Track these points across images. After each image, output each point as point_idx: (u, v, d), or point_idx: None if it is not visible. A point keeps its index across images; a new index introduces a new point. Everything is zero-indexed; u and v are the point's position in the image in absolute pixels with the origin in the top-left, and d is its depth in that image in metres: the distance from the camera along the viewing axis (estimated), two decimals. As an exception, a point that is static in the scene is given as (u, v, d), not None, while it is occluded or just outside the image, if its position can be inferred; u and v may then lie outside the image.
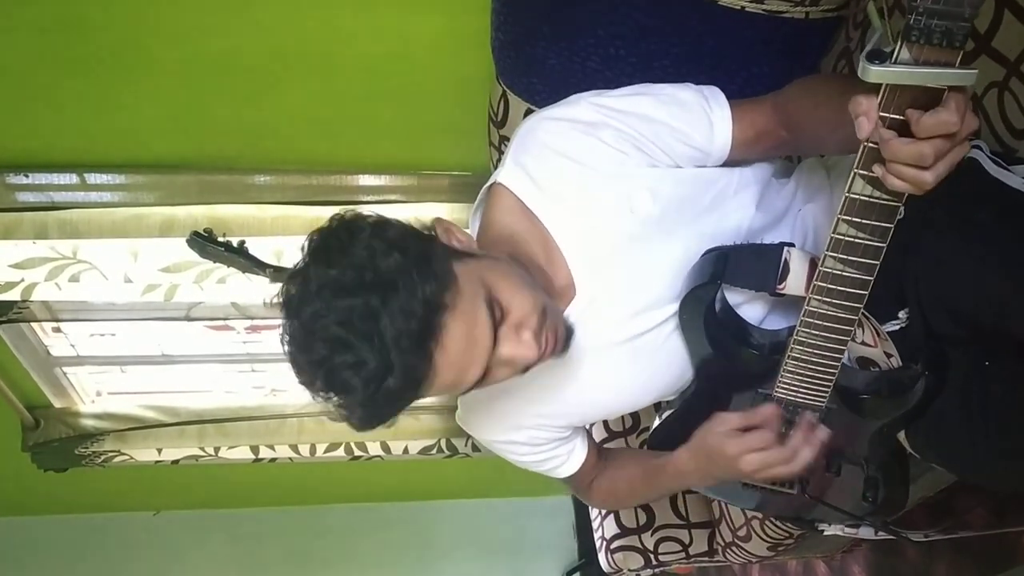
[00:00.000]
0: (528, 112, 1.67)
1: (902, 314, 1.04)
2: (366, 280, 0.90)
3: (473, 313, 0.96)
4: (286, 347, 0.96)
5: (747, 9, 1.44)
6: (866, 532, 1.45)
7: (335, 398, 0.93)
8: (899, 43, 0.72)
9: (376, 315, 0.88)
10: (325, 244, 0.94)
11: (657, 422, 1.34)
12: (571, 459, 1.32)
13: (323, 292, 0.91)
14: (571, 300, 1.14)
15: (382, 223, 0.96)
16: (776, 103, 1.13)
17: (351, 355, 0.89)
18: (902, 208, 0.87)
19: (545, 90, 1.64)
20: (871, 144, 0.80)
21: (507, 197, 1.14)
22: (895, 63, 0.73)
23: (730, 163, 1.18)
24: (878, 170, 0.82)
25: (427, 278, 0.91)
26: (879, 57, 0.74)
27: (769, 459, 1.09)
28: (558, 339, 1.04)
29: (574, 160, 1.11)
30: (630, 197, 1.11)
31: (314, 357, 0.91)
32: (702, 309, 1.11)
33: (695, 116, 1.13)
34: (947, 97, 0.75)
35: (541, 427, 1.25)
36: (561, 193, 1.12)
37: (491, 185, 1.18)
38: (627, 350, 1.17)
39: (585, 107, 1.13)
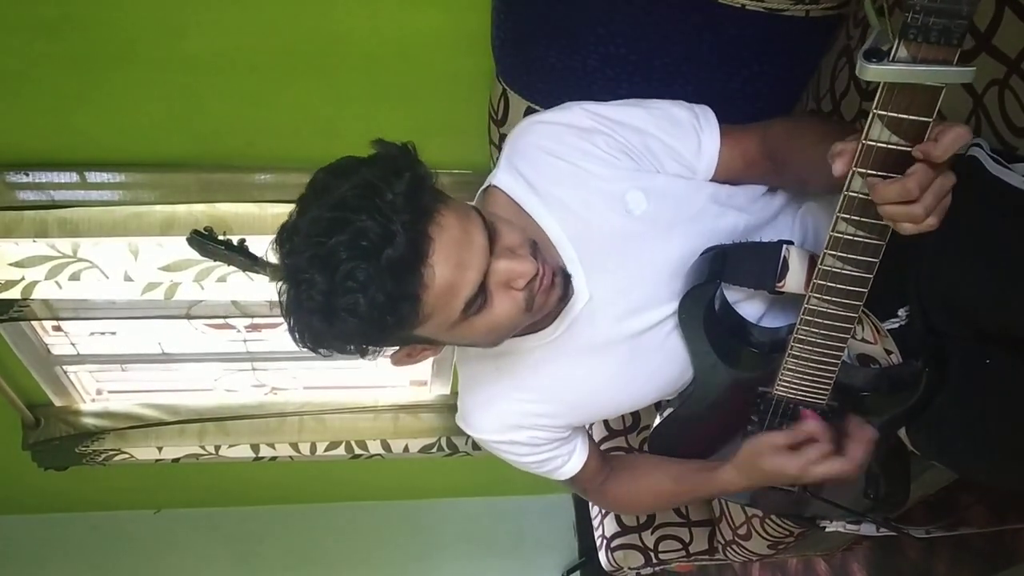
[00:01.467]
0: (528, 110, 1.68)
1: (902, 311, 1.04)
2: (355, 173, 0.91)
3: (466, 211, 0.97)
4: (281, 281, 0.95)
5: (747, 7, 1.44)
6: (868, 529, 1.45)
7: (338, 293, 0.88)
8: (896, 41, 0.72)
9: (371, 189, 0.88)
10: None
11: (658, 420, 1.34)
12: (572, 460, 1.32)
13: (317, 197, 0.92)
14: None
15: None
16: (765, 135, 1.16)
17: (349, 229, 0.87)
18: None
19: (545, 88, 1.64)
20: (869, 143, 0.80)
21: (502, 199, 1.15)
22: (893, 61, 0.73)
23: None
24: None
25: (418, 165, 0.94)
26: (877, 55, 0.74)
27: (831, 469, 1.12)
28: (556, 273, 1.04)
29: (568, 162, 1.12)
30: (624, 197, 1.12)
31: (310, 252, 0.89)
32: (701, 308, 1.12)
33: (685, 133, 1.15)
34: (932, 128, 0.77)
35: (541, 427, 1.25)
36: (555, 194, 1.13)
37: (486, 187, 1.18)
38: (626, 349, 1.18)
39: (578, 112, 1.14)
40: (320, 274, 0.89)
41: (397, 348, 1.06)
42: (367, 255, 0.87)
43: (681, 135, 1.15)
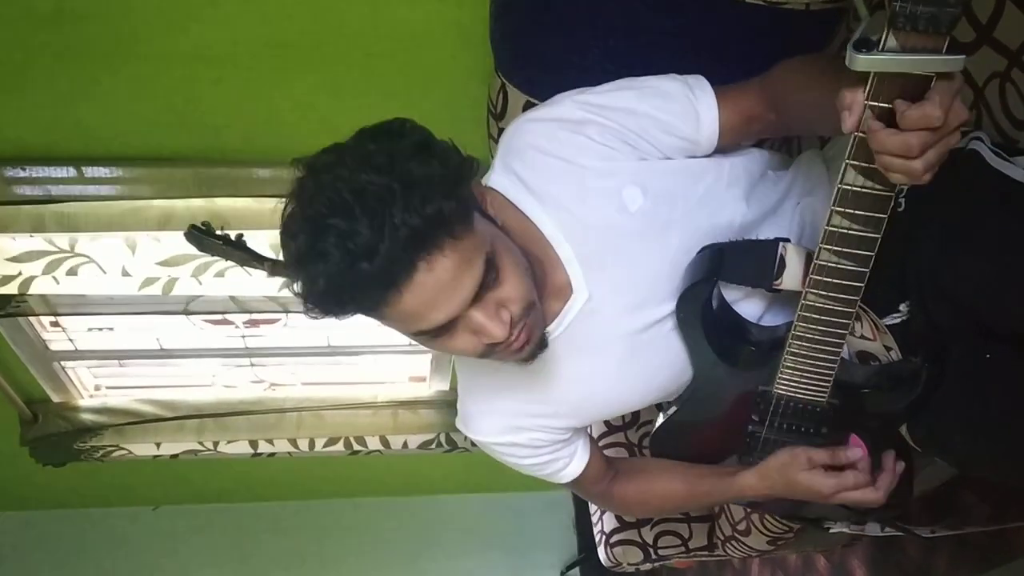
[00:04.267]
0: (527, 104, 1.67)
1: (903, 307, 1.04)
2: (397, 168, 0.90)
3: (471, 258, 0.95)
4: (288, 201, 0.95)
5: (747, 0, 1.43)
6: (872, 529, 1.45)
7: (306, 263, 0.91)
8: (885, 31, 0.72)
9: (390, 200, 0.88)
10: (378, 127, 0.97)
11: (661, 420, 1.34)
12: (573, 463, 1.31)
13: (353, 161, 0.91)
14: (568, 298, 1.13)
15: (434, 139, 0.97)
16: (763, 86, 1.14)
17: (347, 222, 0.88)
18: (902, 201, 0.87)
19: (544, 83, 1.63)
20: (862, 134, 0.80)
21: (498, 200, 1.14)
22: (882, 51, 0.73)
23: (722, 151, 1.17)
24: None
25: (451, 198, 0.91)
26: (866, 45, 0.74)
27: (863, 499, 1.14)
28: (531, 341, 1.04)
29: (562, 159, 1.11)
30: (620, 193, 1.11)
31: (311, 212, 0.90)
32: (699, 307, 1.11)
33: (680, 106, 1.13)
34: (932, 89, 0.75)
35: (541, 428, 1.24)
36: (551, 193, 1.12)
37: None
38: (625, 347, 1.17)
39: (569, 105, 1.13)
40: (305, 237, 0.91)
41: None
42: (347, 255, 0.88)
43: (675, 109, 1.13)
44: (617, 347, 1.17)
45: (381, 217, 0.87)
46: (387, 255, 0.88)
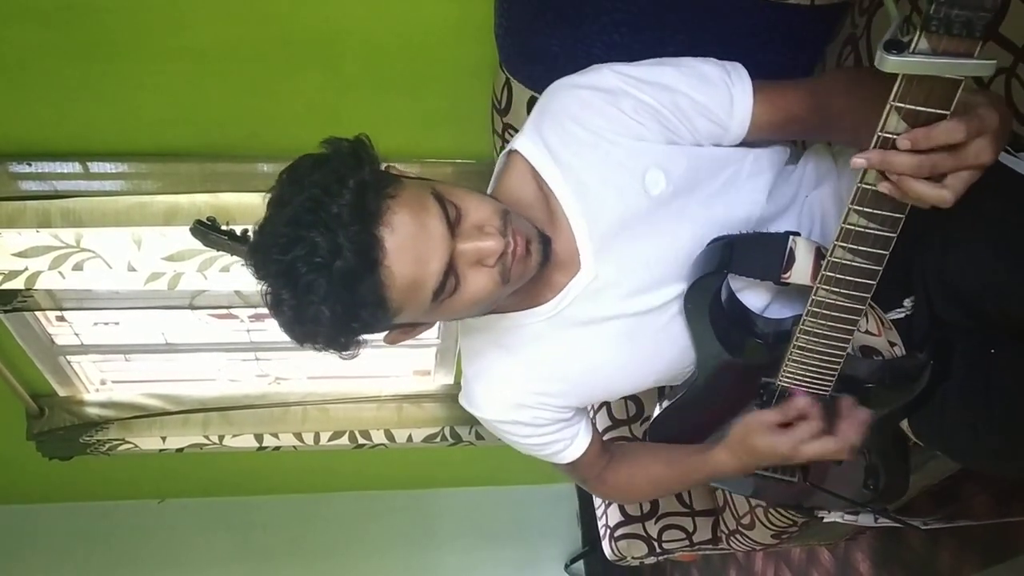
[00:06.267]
0: (531, 99, 1.67)
1: (907, 302, 1.04)
2: (306, 181, 0.93)
3: (419, 201, 0.97)
4: (264, 294, 0.97)
5: (752, -5, 1.43)
6: (866, 519, 1.45)
7: (306, 313, 0.92)
8: (918, 33, 0.71)
9: (320, 203, 0.91)
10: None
11: (658, 411, 1.34)
12: (574, 444, 1.31)
13: (277, 210, 0.95)
14: (574, 273, 1.14)
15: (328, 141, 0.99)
16: (815, 90, 1.12)
17: (301, 245, 0.90)
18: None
19: (548, 77, 1.62)
20: (885, 135, 0.80)
21: (521, 165, 1.14)
22: (913, 53, 0.73)
23: (748, 144, 1.17)
24: (886, 186, 0.84)
25: (364, 168, 0.94)
26: (897, 47, 0.73)
27: (823, 448, 1.11)
28: (531, 240, 1.04)
29: (591, 131, 1.10)
30: (644, 175, 1.10)
31: (273, 268, 0.93)
32: (708, 298, 1.11)
33: (716, 90, 1.12)
34: (952, 112, 0.76)
35: (543, 406, 1.24)
36: (575, 166, 1.12)
37: (509, 152, 1.17)
38: (627, 326, 1.17)
39: (607, 75, 1.12)
40: (286, 289, 0.93)
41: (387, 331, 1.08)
42: (321, 269, 0.90)
43: (712, 91, 1.12)
44: (618, 325, 1.17)
45: (322, 218, 0.90)
46: (351, 241, 0.90)
